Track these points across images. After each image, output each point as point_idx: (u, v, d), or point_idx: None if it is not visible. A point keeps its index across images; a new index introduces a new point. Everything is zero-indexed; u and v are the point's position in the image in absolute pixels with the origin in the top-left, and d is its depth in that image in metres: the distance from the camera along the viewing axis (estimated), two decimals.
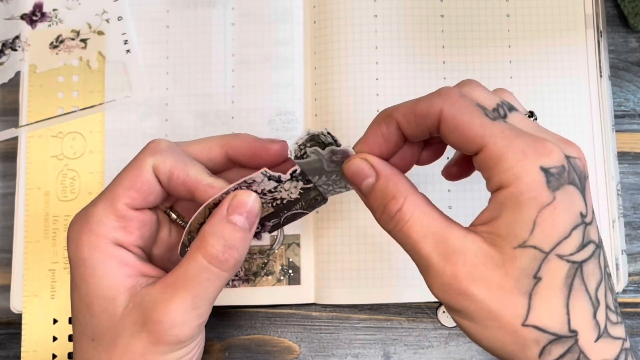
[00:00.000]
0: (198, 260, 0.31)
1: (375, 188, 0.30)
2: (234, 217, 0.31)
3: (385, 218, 0.30)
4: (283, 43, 0.45)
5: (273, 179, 0.32)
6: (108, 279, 0.31)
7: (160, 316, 0.30)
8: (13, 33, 0.46)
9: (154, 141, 0.34)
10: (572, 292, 0.27)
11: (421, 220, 0.29)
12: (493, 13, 0.45)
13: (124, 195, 0.32)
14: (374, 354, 0.43)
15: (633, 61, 0.46)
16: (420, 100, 0.30)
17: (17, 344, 0.43)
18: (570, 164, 0.28)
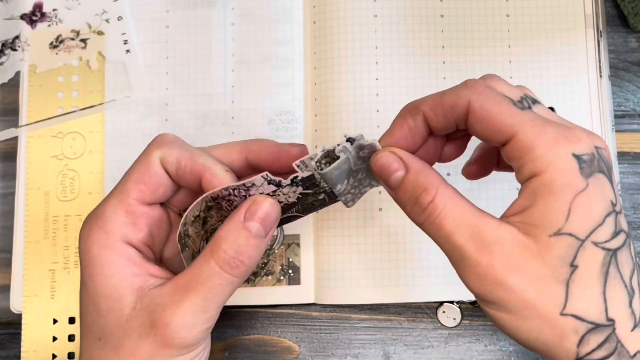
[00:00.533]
0: (210, 265, 0.31)
1: (406, 181, 0.30)
2: (250, 223, 0.31)
3: (416, 210, 0.30)
4: (283, 43, 0.45)
5: (273, 183, 0.31)
6: (116, 278, 0.31)
7: (169, 318, 0.30)
8: (13, 33, 0.46)
9: (160, 135, 0.34)
10: (608, 280, 0.27)
11: (454, 212, 0.28)
12: (493, 13, 0.45)
13: (133, 189, 0.32)
14: (374, 354, 0.43)
15: (633, 61, 0.46)
16: (447, 92, 0.30)
17: (17, 344, 0.43)
18: (599, 153, 0.28)
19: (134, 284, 0.31)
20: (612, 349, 0.27)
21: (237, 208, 0.32)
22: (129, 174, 0.33)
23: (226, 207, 0.33)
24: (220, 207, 0.33)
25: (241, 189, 0.32)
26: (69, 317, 0.43)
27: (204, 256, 0.31)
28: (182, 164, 0.32)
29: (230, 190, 0.32)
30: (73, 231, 0.43)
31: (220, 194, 0.32)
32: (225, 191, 0.32)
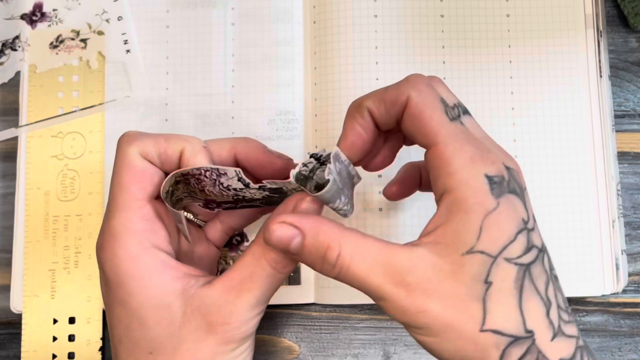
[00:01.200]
0: (263, 266, 0.31)
1: (306, 244, 0.29)
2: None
3: (327, 267, 0.29)
4: (283, 43, 0.45)
5: (242, 182, 0.32)
6: (158, 288, 0.31)
7: (227, 318, 0.31)
8: (13, 33, 0.46)
9: (123, 135, 0.34)
10: (524, 293, 0.28)
11: (362, 257, 0.28)
12: (493, 13, 0.45)
13: (134, 190, 0.32)
14: (374, 354, 0.43)
15: (633, 61, 0.46)
16: (389, 87, 0.31)
17: (17, 344, 0.43)
18: (511, 174, 0.29)
19: (176, 288, 0.31)
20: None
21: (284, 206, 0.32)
22: (119, 182, 0.32)
23: (194, 183, 0.33)
24: (188, 183, 0.33)
25: (214, 172, 0.32)
26: (69, 317, 0.43)
27: (254, 255, 0.31)
28: (162, 149, 0.33)
29: (202, 171, 0.32)
30: (73, 231, 0.43)
31: (192, 172, 0.32)
32: (197, 171, 0.32)
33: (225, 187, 0.33)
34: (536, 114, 0.44)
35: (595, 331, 0.43)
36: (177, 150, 0.33)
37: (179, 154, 0.33)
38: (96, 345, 0.42)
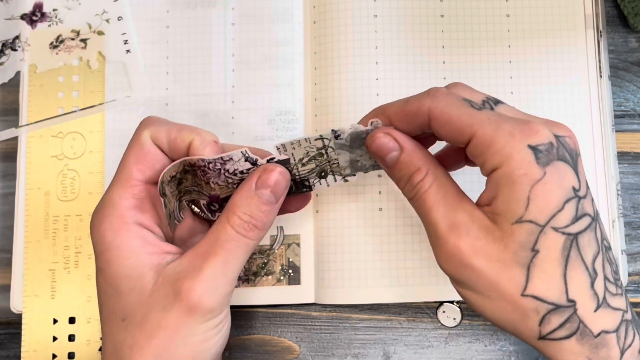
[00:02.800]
0: (227, 230, 0.33)
1: (400, 160, 0.32)
2: (261, 191, 0.33)
3: (408, 187, 0.32)
4: (283, 43, 0.45)
5: (249, 161, 0.34)
6: (133, 259, 0.32)
7: (192, 284, 0.31)
8: (13, 33, 0.46)
9: (145, 118, 0.35)
10: (569, 263, 0.28)
11: (438, 191, 0.31)
12: (493, 13, 0.45)
13: (134, 170, 0.34)
14: (374, 353, 0.43)
15: (633, 61, 0.46)
16: (410, 100, 0.32)
17: (17, 344, 0.43)
18: (560, 142, 0.29)
19: (151, 262, 0.32)
20: (574, 329, 0.28)
21: (249, 176, 0.34)
22: (125, 160, 0.34)
23: (200, 175, 0.35)
24: (195, 175, 0.35)
25: (217, 162, 0.33)
26: (69, 317, 0.43)
27: (220, 223, 0.33)
28: (172, 137, 0.34)
29: (205, 162, 0.33)
30: (73, 231, 0.43)
31: (197, 162, 0.34)
32: (202, 162, 0.33)
33: (232, 173, 0.34)
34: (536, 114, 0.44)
35: None
36: (186, 140, 0.34)
37: (188, 143, 0.34)
38: (96, 345, 0.42)
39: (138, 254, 0.32)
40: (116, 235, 0.32)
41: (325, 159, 0.35)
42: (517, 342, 0.43)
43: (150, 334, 0.32)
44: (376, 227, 0.43)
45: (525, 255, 0.28)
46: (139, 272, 0.32)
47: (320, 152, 0.34)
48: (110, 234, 0.32)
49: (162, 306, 0.32)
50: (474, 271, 0.29)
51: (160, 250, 0.33)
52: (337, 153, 0.34)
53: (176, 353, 0.32)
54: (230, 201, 0.33)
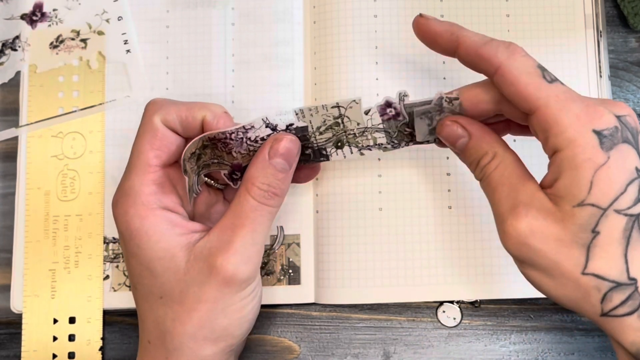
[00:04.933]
0: (249, 201, 0.34)
1: (469, 146, 0.34)
2: (275, 160, 0.35)
3: (477, 170, 0.33)
4: (283, 43, 0.45)
5: (270, 127, 0.35)
6: (163, 242, 0.34)
7: (225, 257, 0.33)
8: (13, 33, 0.46)
9: (150, 102, 0.36)
10: (630, 243, 0.29)
11: (503, 171, 0.32)
12: (493, 13, 0.45)
13: (150, 156, 0.35)
14: (374, 353, 0.43)
15: (633, 61, 0.46)
16: (488, 45, 0.32)
17: (17, 344, 0.43)
18: (622, 123, 0.29)
19: (181, 242, 0.34)
20: (636, 306, 0.29)
21: (261, 147, 0.35)
22: (139, 146, 0.35)
23: (221, 147, 0.36)
24: (215, 147, 0.36)
25: (239, 131, 0.35)
26: (69, 317, 0.43)
27: (240, 196, 0.35)
28: (184, 116, 0.35)
29: (227, 134, 0.35)
30: (73, 231, 0.43)
31: (218, 136, 0.35)
32: (223, 134, 0.35)
33: (253, 141, 0.36)
34: None
35: (596, 331, 0.43)
36: (198, 117, 0.35)
37: (201, 120, 0.35)
38: (96, 345, 0.42)
39: (168, 237, 0.34)
40: (143, 222, 0.34)
41: (341, 128, 0.36)
42: (517, 341, 0.43)
43: (191, 308, 0.33)
44: (376, 227, 0.43)
45: (585, 236, 0.29)
46: (171, 253, 0.34)
47: (337, 121, 0.35)
48: (138, 221, 0.34)
49: (199, 282, 0.33)
50: (534, 251, 0.29)
51: (187, 230, 0.35)
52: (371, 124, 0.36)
53: (217, 323, 0.34)
54: (246, 174, 0.35)
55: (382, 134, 0.36)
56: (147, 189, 0.34)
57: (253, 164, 0.35)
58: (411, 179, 0.43)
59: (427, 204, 0.43)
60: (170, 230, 0.34)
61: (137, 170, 0.35)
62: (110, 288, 0.43)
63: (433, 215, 0.43)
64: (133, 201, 0.34)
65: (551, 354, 0.43)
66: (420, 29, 0.36)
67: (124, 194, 0.35)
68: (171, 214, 0.35)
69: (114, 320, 0.44)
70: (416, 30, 0.36)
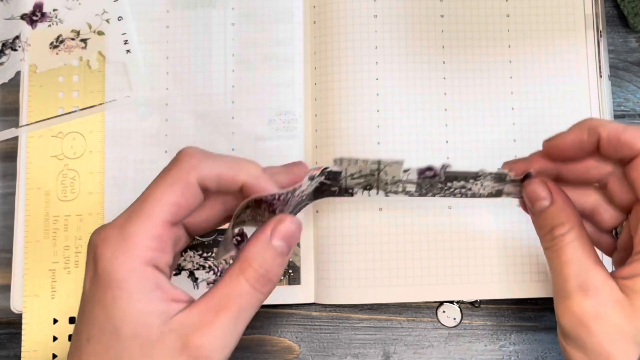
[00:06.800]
0: (241, 284, 0.31)
1: (548, 211, 0.34)
2: (276, 242, 0.32)
3: (548, 237, 0.33)
4: (283, 43, 0.45)
5: (310, 178, 0.34)
6: (143, 303, 0.30)
7: (202, 340, 0.30)
8: (13, 33, 0.46)
9: (185, 152, 0.33)
10: None
11: (576, 249, 0.32)
12: (493, 13, 0.45)
13: (166, 211, 0.31)
14: (374, 353, 0.43)
15: (633, 61, 0.46)
16: (628, 129, 0.32)
17: (17, 343, 0.43)
18: None
19: (160, 308, 0.30)
20: None
21: (263, 226, 0.32)
22: (158, 195, 0.32)
23: (264, 207, 0.34)
24: (258, 207, 0.34)
25: (289, 192, 0.33)
26: (69, 317, 0.43)
27: (232, 275, 0.31)
28: (224, 178, 0.32)
29: (276, 196, 0.33)
30: (73, 231, 0.43)
31: (265, 198, 0.33)
32: (271, 197, 0.33)
33: (297, 197, 0.35)
34: (536, 113, 0.44)
35: None
36: (240, 180, 0.33)
37: (241, 183, 0.33)
38: None
39: (148, 299, 0.30)
40: (130, 275, 0.30)
41: (375, 178, 0.36)
42: (517, 341, 0.43)
43: None
44: (376, 227, 0.43)
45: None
46: (145, 318, 0.30)
47: (373, 173, 0.36)
48: (124, 272, 0.30)
49: (168, 357, 0.30)
50: (590, 333, 0.30)
51: (169, 298, 0.31)
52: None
53: None
54: (243, 252, 0.32)
55: (413, 185, 0.37)
56: (149, 243, 0.31)
57: (252, 242, 0.32)
58: None
59: (427, 204, 0.43)
60: (153, 292, 0.30)
61: (145, 218, 0.31)
62: None
63: (433, 215, 0.43)
64: (127, 249, 0.30)
65: (551, 354, 0.43)
66: (553, 152, 0.35)
67: (120, 235, 0.31)
68: (159, 274, 0.31)
69: None
70: (550, 154, 0.35)
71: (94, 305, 0.31)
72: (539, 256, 0.41)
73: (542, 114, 0.44)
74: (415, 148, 0.43)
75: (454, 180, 0.36)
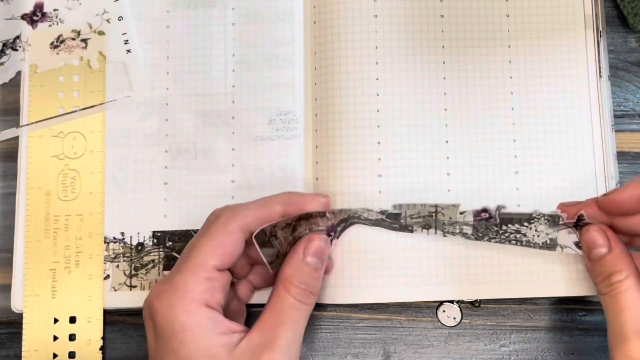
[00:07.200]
0: (288, 300, 0.35)
1: (605, 259, 0.35)
2: (309, 258, 0.37)
3: (604, 283, 0.35)
4: (283, 43, 0.45)
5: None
6: (207, 339, 0.33)
7: (270, 356, 0.33)
8: (14, 33, 0.46)
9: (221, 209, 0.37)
10: None
11: (633, 296, 0.34)
12: (493, 13, 0.45)
13: (214, 259, 0.35)
14: (374, 353, 0.43)
15: (632, 61, 0.46)
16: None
17: (17, 343, 0.43)
18: None
19: (222, 341, 0.34)
20: None
21: (295, 248, 0.37)
22: (203, 246, 0.35)
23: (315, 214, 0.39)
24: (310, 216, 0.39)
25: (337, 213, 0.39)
26: (69, 316, 0.43)
27: (278, 295, 0.35)
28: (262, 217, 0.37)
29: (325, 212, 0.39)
30: (74, 231, 0.43)
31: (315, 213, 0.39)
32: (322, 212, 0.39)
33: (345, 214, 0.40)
34: (536, 114, 0.44)
35: (595, 331, 0.43)
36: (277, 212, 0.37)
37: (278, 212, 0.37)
38: (97, 344, 0.43)
39: (211, 335, 0.34)
40: (190, 317, 0.34)
41: (433, 219, 0.39)
42: (517, 341, 0.43)
43: None
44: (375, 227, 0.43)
45: None
46: (214, 351, 0.33)
47: (431, 214, 0.39)
48: (184, 316, 0.33)
49: None
50: None
51: (228, 330, 0.34)
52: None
53: None
54: (281, 273, 0.36)
55: (470, 227, 0.40)
56: (199, 287, 0.34)
57: (288, 263, 0.36)
58: (411, 178, 0.43)
59: None
60: (213, 329, 0.34)
61: (192, 269, 0.35)
62: (110, 288, 0.43)
63: None
64: (182, 296, 0.34)
65: (551, 354, 0.43)
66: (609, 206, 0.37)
67: (172, 287, 0.34)
68: (214, 312, 0.35)
69: (115, 319, 0.44)
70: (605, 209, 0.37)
71: (164, 356, 0.34)
72: (538, 256, 0.41)
73: (542, 114, 0.44)
74: (415, 148, 0.43)
75: (509, 223, 0.38)
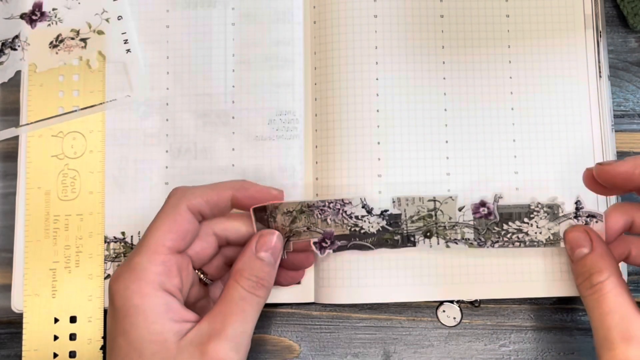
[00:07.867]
0: (239, 291, 0.35)
1: (587, 258, 0.36)
2: (261, 253, 0.37)
3: (585, 284, 0.35)
4: (283, 43, 0.45)
5: (366, 208, 0.39)
6: (159, 324, 0.34)
7: (217, 345, 0.33)
8: (13, 32, 0.46)
9: (174, 190, 0.38)
10: None
11: (616, 298, 0.34)
12: (493, 13, 0.45)
13: (167, 239, 0.35)
14: (374, 353, 0.43)
15: (632, 61, 0.46)
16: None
17: (18, 343, 0.43)
18: None
19: (173, 328, 0.34)
20: None
21: (249, 242, 0.38)
22: (156, 228, 0.36)
23: (317, 214, 0.39)
24: (312, 214, 0.39)
25: (338, 202, 0.39)
26: (70, 316, 0.43)
27: (229, 287, 0.36)
28: (211, 198, 0.37)
29: (326, 203, 0.39)
30: (74, 230, 0.43)
31: (316, 204, 0.39)
32: (322, 202, 0.39)
33: (348, 215, 0.39)
34: (535, 114, 0.44)
35: None
36: (226, 195, 0.38)
37: (229, 198, 0.38)
38: (97, 344, 0.43)
39: (163, 320, 0.34)
40: (144, 300, 0.34)
41: (433, 220, 0.39)
42: (517, 341, 0.43)
43: None
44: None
45: None
46: (163, 337, 0.33)
47: (430, 213, 0.39)
48: (138, 297, 0.34)
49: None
50: None
51: (181, 318, 0.35)
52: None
53: None
54: (234, 265, 0.37)
55: (471, 230, 0.39)
56: (155, 269, 0.35)
57: (240, 257, 0.37)
58: (411, 178, 0.43)
59: None
60: (166, 314, 0.34)
61: (147, 250, 0.35)
62: None
63: None
64: (137, 277, 0.34)
65: (551, 354, 0.43)
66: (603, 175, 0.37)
67: (128, 269, 0.35)
68: (170, 297, 0.35)
69: None
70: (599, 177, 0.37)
71: (117, 337, 0.34)
72: (538, 256, 0.41)
73: (542, 114, 0.44)
74: (415, 148, 0.43)
75: (509, 220, 0.38)
